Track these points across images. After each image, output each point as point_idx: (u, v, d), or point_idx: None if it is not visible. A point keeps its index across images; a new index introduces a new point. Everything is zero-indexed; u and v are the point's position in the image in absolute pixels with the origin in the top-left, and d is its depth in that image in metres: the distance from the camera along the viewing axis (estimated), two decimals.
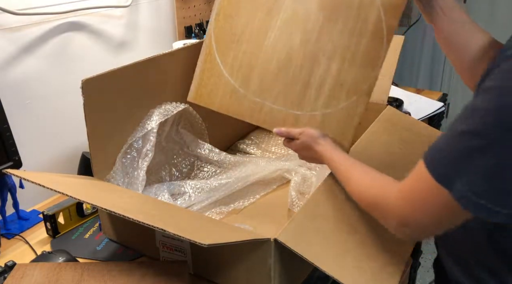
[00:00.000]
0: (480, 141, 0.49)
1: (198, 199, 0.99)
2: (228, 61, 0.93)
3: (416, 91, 1.59)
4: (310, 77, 0.87)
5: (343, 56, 0.84)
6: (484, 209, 0.50)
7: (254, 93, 0.91)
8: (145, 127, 0.92)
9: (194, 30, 1.50)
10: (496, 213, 0.50)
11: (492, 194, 0.50)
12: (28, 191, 0.97)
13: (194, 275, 0.81)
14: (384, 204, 0.63)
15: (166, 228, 0.61)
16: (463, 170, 0.50)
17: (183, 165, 1.08)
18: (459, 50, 0.75)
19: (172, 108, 0.97)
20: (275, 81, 0.89)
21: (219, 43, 0.93)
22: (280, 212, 0.98)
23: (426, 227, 0.59)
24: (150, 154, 0.91)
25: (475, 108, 0.51)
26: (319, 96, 0.87)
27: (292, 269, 0.74)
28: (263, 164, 1.09)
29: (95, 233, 0.94)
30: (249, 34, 0.91)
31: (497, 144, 0.48)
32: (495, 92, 0.49)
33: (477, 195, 0.50)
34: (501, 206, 0.50)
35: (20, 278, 0.69)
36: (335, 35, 0.85)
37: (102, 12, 1.21)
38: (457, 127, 0.52)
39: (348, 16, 0.83)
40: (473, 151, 0.49)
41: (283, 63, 0.89)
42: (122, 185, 0.89)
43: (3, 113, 0.88)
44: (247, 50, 0.91)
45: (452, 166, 0.52)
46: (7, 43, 1.01)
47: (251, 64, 0.91)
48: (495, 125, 0.48)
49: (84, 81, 0.78)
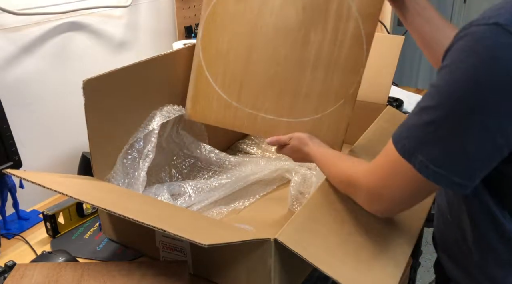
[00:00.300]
0: (434, 114, 0.54)
1: (198, 199, 0.99)
2: (219, 77, 0.97)
3: (416, 91, 1.59)
4: (298, 86, 0.92)
5: (327, 64, 0.89)
6: (443, 178, 0.54)
7: (247, 105, 0.95)
8: (147, 128, 0.93)
9: (194, 30, 1.50)
10: (455, 183, 0.54)
11: (449, 163, 0.54)
12: (28, 191, 0.97)
13: (194, 275, 0.81)
14: (355, 181, 0.67)
15: (166, 228, 0.61)
16: (422, 142, 0.55)
17: (183, 166, 1.08)
18: (434, 47, 0.81)
19: (174, 110, 0.97)
20: (265, 92, 0.93)
21: (207, 60, 0.97)
22: (280, 212, 0.98)
23: (395, 201, 0.62)
24: (151, 155, 0.91)
25: (431, 85, 0.55)
26: (308, 103, 0.91)
27: (292, 269, 0.74)
28: (263, 164, 1.09)
29: (95, 233, 0.94)
30: (235, 51, 0.95)
31: (448, 116, 0.52)
32: (446, 69, 0.53)
33: (435, 165, 0.54)
34: (458, 176, 0.54)
35: (20, 278, 0.69)
36: (317, 46, 0.89)
37: (102, 12, 1.21)
38: (418, 104, 0.57)
39: (327, 27, 0.88)
40: (429, 124, 0.54)
41: (271, 75, 0.93)
42: (122, 185, 0.89)
43: (3, 113, 0.88)
44: (235, 66, 0.95)
45: (413, 139, 0.56)
46: (7, 43, 1.01)
47: (240, 78, 0.95)
48: (446, 98, 0.53)
49: (85, 81, 0.78)
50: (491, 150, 0.52)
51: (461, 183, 0.54)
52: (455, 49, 0.53)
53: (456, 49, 0.53)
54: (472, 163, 0.53)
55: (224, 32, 0.94)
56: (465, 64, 0.51)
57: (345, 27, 0.87)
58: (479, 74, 0.50)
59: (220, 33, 0.95)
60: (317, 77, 0.90)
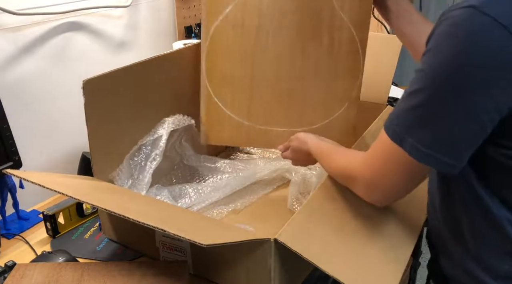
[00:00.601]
0: (420, 97, 0.56)
1: (198, 200, 0.99)
2: (227, 100, 1.00)
3: None
4: (303, 97, 0.97)
5: (328, 73, 0.95)
6: (433, 159, 0.56)
7: (258, 122, 1.00)
8: (157, 132, 0.94)
9: (194, 30, 1.50)
10: (444, 163, 0.56)
11: (438, 143, 0.56)
12: (28, 191, 0.97)
13: (194, 275, 0.80)
14: (351, 171, 0.69)
15: (166, 228, 0.60)
16: (411, 126, 0.57)
17: (183, 175, 1.09)
18: (418, 47, 0.84)
19: (183, 120, 1.00)
20: (274, 108, 0.98)
21: (214, 87, 1.00)
22: (280, 212, 0.98)
23: (392, 188, 0.64)
24: (158, 159, 0.92)
25: (417, 70, 0.57)
26: (315, 111, 0.98)
27: (292, 269, 0.74)
28: (263, 164, 1.09)
29: (95, 233, 0.94)
30: (239, 74, 0.98)
31: (434, 98, 0.55)
32: (430, 53, 0.55)
33: (425, 146, 0.56)
34: (447, 156, 0.56)
35: (20, 278, 0.69)
36: (316, 58, 0.94)
37: (102, 12, 1.21)
38: (406, 90, 0.59)
39: (323, 39, 0.93)
40: (416, 108, 0.56)
41: (276, 91, 0.97)
42: (126, 185, 0.89)
43: (3, 113, 0.88)
44: (241, 88, 0.99)
45: (402, 124, 0.58)
46: (7, 43, 1.01)
47: (248, 98, 0.99)
48: (431, 82, 0.55)
49: (85, 81, 0.78)
50: (476, 129, 0.54)
51: (449, 163, 0.56)
52: (437, 33, 0.55)
53: (438, 33, 0.55)
54: (459, 143, 0.55)
55: (226, 58, 0.98)
56: (446, 47, 0.53)
57: (340, 36, 0.92)
58: (460, 56, 0.52)
59: (223, 60, 0.98)
60: (320, 86, 0.95)
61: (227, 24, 0.95)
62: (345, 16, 0.90)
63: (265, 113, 0.99)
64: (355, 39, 0.91)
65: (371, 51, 1.03)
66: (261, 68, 0.97)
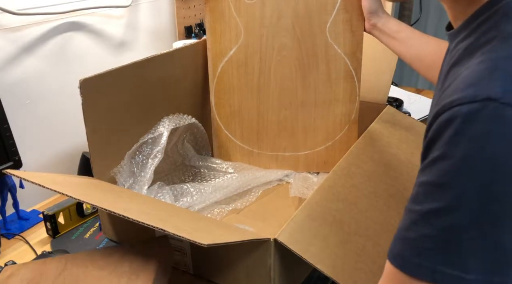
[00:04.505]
0: (458, 216, 0.42)
1: (199, 200, 0.99)
2: (237, 132, 1.09)
3: (416, 91, 1.59)
4: (306, 123, 1.05)
5: (327, 100, 1.03)
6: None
7: (267, 149, 1.09)
8: (158, 130, 0.95)
9: (194, 30, 1.50)
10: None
11: (490, 266, 0.43)
12: (28, 191, 0.97)
13: (194, 275, 0.81)
14: None
15: (166, 228, 0.60)
16: (449, 254, 0.43)
17: (185, 175, 1.09)
18: (415, 61, 0.89)
19: (183, 118, 1.01)
20: (280, 135, 1.07)
21: (224, 120, 1.09)
22: (280, 212, 0.98)
23: None
24: (160, 156, 0.92)
25: (426, 183, 0.44)
26: (318, 135, 1.06)
27: (292, 269, 0.74)
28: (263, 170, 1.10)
29: (95, 233, 0.94)
30: (246, 107, 1.07)
31: (479, 216, 0.41)
32: (445, 163, 0.43)
33: (467, 272, 0.42)
34: (499, 275, 0.43)
35: (6, 278, 0.69)
36: (315, 87, 1.02)
37: (102, 12, 1.21)
38: (414, 210, 0.45)
39: (320, 69, 1.00)
40: (454, 230, 0.42)
41: (281, 120, 1.06)
42: (127, 182, 0.89)
43: (3, 113, 0.88)
44: (249, 120, 1.07)
45: (431, 254, 0.44)
46: (7, 43, 1.01)
47: (256, 129, 1.08)
48: (472, 197, 0.41)
49: (82, 80, 0.78)
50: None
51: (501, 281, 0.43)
52: (446, 141, 0.43)
53: (447, 140, 0.43)
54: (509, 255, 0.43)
55: (233, 95, 1.06)
56: (473, 159, 0.41)
57: (336, 67, 0.99)
58: (497, 163, 0.40)
59: (230, 96, 1.07)
60: (321, 113, 1.04)
61: (232, 65, 1.04)
62: (339, 48, 0.98)
63: (273, 141, 1.08)
64: (350, 68, 0.99)
65: (371, 51, 1.03)
66: (265, 100, 1.05)
